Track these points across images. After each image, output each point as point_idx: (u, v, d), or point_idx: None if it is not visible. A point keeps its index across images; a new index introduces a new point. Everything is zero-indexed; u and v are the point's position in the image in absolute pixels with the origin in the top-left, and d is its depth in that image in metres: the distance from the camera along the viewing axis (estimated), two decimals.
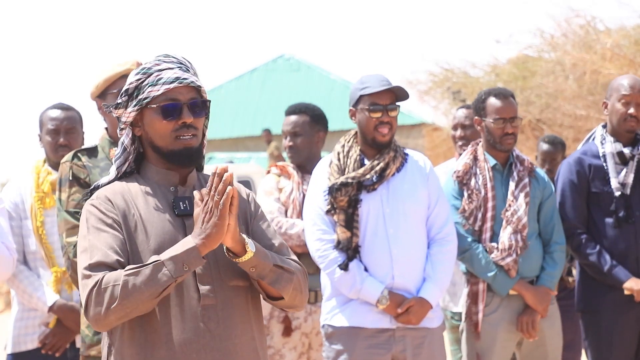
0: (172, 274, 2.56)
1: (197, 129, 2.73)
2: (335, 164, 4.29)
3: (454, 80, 15.08)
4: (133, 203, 2.72)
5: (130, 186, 2.76)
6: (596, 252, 4.62)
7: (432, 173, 4.37)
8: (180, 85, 2.70)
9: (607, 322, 4.63)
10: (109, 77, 3.77)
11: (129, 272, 2.57)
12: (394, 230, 4.19)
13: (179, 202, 2.74)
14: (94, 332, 3.69)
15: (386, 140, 4.26)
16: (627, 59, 11.39)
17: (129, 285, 2.56)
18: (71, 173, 3.71)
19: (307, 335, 4.78)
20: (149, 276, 2.56)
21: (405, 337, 4.20)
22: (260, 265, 2.67)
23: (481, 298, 4.52)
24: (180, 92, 2.71)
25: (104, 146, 3.80)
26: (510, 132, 4.56)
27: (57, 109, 4.60)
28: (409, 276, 4.21)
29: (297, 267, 2.77)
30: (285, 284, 2.71)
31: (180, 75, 2.71)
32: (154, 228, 2.70)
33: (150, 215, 2.71)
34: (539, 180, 4.66)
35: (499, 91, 4.66)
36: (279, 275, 2.70)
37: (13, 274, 4.40)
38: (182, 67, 2.74)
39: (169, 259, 2.57)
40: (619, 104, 4.66)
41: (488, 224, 4.52)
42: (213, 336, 2.68)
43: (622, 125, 4.67)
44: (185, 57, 2.78)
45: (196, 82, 2.73)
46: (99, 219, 2.68)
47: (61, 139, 4.53)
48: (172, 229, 2.71)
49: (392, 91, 4.24)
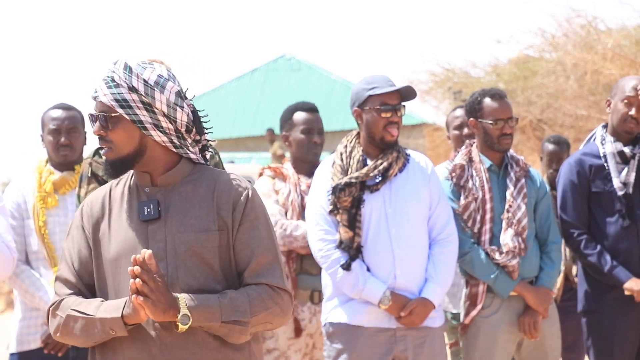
0: (99, 334, 2.65)
1: (110, 142, 2.72)
2: (339, 164, 4.30)
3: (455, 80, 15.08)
4: (108, 208, 2.78)
5: (117, 188, 2.82)
6: (597, 253, 4.62)
7: (434, 173, 4.38)
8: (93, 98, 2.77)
9: (608, 322, 4.63)
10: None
11: (72, 312, 2.69)
12: (396, 231, 4.20)
13: (143, 207, 2.73)
14: None
15: (394, 140, 4.28)
16: (628, 59, 11.39)
17: (69, 325, 2.70)
18: (90, 170, 3.77)
19: (311, 336, 4.79)
20: (83, 327, 2.67)
21: (407, 337, 4.21)
22: (206, 326, 2.64)
23: (480, 300, 4.52)
24: (95, 105, 2.75)
25: None
26: (508, 132, 4.57)
27: (59, 109, 4.61)
28: (411, 276, 4.21)
29: (266, 297, 2.70)
30: (239, 335, 2.67)
31: (96, 87, 2.75)
32: (117, 235, 2.73)
33: (118, 222, 2.75)
34: (533, 180, 4.67)
35: (495, 92, 4.66)
36: (230, 329, 2.65)
37: (15, 274, 4.41)
38: (107, 79, 2.74)
39: (99, 319, 2.63)
40: (622, 104, 4.67)
41: (487, 225, 4.52)
42: (166, 346, 2.66)
43: (621, 126, 4.68)
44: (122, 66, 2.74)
45: (99, 97, 2.73)
46: (75, 225, 2.83)
47: (63, 139, 4.54)
48: (133, 237, 2.72)
49: (398, 91, 4.26)
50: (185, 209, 2.72)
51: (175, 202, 2.73)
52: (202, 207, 2.72)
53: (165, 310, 2.56)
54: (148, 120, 2.71)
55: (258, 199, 2.79)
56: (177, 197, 2.74)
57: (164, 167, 2.77)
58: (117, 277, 2.70)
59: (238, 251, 2.73)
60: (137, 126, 2.71)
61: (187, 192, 2.74)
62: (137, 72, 2.71)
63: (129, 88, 2.70)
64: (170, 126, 2.73)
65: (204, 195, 2.74)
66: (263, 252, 2.74)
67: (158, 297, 2.54)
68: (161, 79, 2.72)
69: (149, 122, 2.71)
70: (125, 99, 2.69)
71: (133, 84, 2.70)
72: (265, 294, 2.71)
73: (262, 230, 2.76)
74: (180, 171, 2.77)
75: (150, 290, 2.54)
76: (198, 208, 2.72)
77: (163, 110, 2.71)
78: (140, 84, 2.70)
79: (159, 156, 2.76)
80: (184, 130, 2.76)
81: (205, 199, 2.73)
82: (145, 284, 2.53)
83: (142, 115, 2.70)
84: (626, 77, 4.80)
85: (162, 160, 2.76)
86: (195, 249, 2.69)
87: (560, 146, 5.93)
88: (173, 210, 2.72)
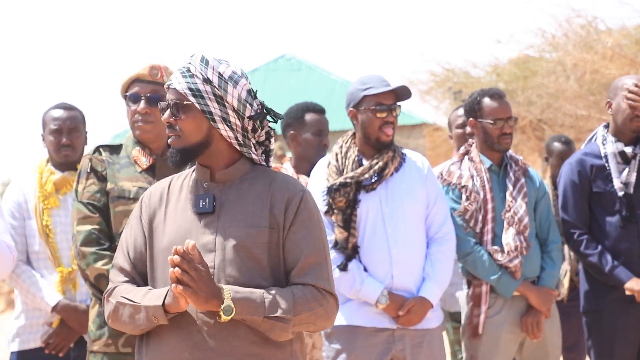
0: (144, 321, 2.70)
1: (178, 130, 2.77)
2: (334, 164, 4.30)
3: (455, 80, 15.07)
4: (165, 200, 2.85)
5: (177, 181, 2.89)
6: (597, 253, 4.62)
7: (430, 173, 4.39)
8: (167, 87, 2.83)
9: (609, 322, 4.63)
10: (124, 82, 3.86)
11: (121, 299, 2.75)
12: (393, 230, 4.20)
13: (198, 200, 2.79)
14: (97, 326, 3.74)
15: (390, 140, 4.27)
16: (628, 58, 11.39)
17: (118, 312, 2.77)
18: (90, 165, 3.80)
19: (311, 336, 4.79)
20: (130, 314, 2.73)
21: (405, 337, 4.21)
22: (248, 320, 2.67)
23: (484, 300, 4.52)
24: (169, 93, 2.81)
25: (128, 145, 3.87)
26: (508, 132, 4.58)
27: (60, 108, 4.61)
28: (409, 276, 4.21)
29: (311, 298, 2.72)
30: (280, 332, 2.69)
31: (171, 76, 2.82)
32: (171, 226, 2.79)
33: (174, 213, 2.81)
34: (533, 179, 4.67)
35: (494, 92, 4.66)
36: (272, 325, 2.67)
37: (16, 274, 4.41)
38: (183, 70, 2.80)
39: (144, 307, 2.69)
40: (625, 103, 4.65)
41: (489, 225, 4.53)
42: (207, 336, 2.69)
43: (627, 125, 4.66)
44: (199, 58, 2.81)
45: (173, 85, 2.79)
46: (134, 215, 2.90)
47: (64, 139, 4.54)
48: (184, 228, 2.77)
49: (394, 91, 4.26)
50: (240, 205, 2.77)
51: (231, 199, 2.78)
52: (256, 204, 2.77)
53: (208, 299, 2.61)
54: (217, 113, 2.76)
55: (312, 201, 2.83)
56: (233, 193, 2.79)
57: (225, 163, 2.81)
58: (168, 267, 2.72)
59: (288, 250, 2.76)
60: (207, 117, 2.76)
61: (243, 190, 2.79)
62: (212, 65, 2.78)
63: (204, 79, 2.76)
64: (237, 122, 2.78)
65: (259, 192, 2.78)
66: (312, 253, 2.76)
67: (200, 286, 2.59)
68: (235, 74, 2.79)
69: (218, 114, 2.76)
70: (199, 89, 2.76)
71: (208, 75, 2.76)
72: (310, 295, 2.73)
73: (313, 231, 2.79)
74: (239, 169, 2.82)
75: (191, 279, 2.58)
76: (252, 204, 2.77)
77: (233, 104, 2.77)
78: (214, 76, 2.76)
79: (222, 151, 2.80)
80: (250, 129, 2.81)
81: (260, 196, 2.78)
82: (186, 272, 2.57)
83: (213, 107, 2.76)
84: (623, 77, 4.79)
85: (224, 155, 2.81)
86: (245, 244, 2.72)
87: (569, 145, 5.95)
88: (227, 206, 2.77)
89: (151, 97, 3.78)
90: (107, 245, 3.71)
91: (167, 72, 3.85)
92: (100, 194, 3.76)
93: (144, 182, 3.77)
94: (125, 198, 3.74)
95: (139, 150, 3.82)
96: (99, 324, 3.74)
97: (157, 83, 3.81)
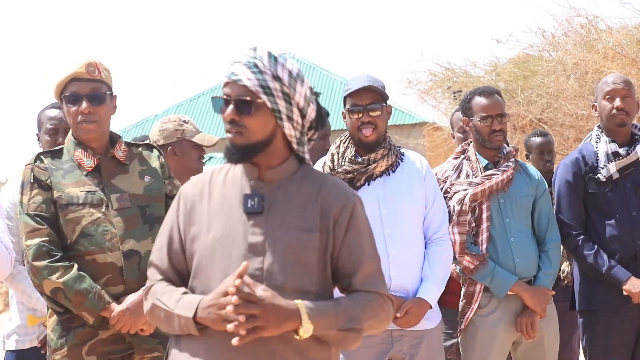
0: (177, 328, 2.66)
1: (242, 127, 2.69)
2: (329, 165, 4.28)
3: (454, 80, 15.04)
4: (207, 194, 2.76)
5: (219, 175, 2.79)
6: (593, 253, 4.62)
7: (429, 172, 4.36)
8: (228, 80, 2.72)
9: (604, 321, 4.64)
10: (59, 82, 3.76)
11: (157, 302, 2.70)
12: (390, 231, 4.17)
13: (247, 199, 2.71)
14: (58, 335, 3.68)
15: (370, 141, 4.21)
16: (629, 58, 11.37)
17: (155, 313, 2.73)
18: (32, 175, 3.71)
19: None
20: (165, 318, 2.69)
21: (403, 337, 4.19)
22: (323, 335, 2.64)
23: (475, 299, 4.52)
24: (230, 88, 2.71)
25: (69, 148, 3.79)
26: (498, 128, 4.56)
27: (56, 108, 4.60)
28: (407, 276, 4.19)
29: (375, 304, 2.71)
30: (352, 342, 2.68)
31: (235, 70, 2.71)
32: (216, 223, 2.71)
33: (219, 209, 2.72)
34: (531, 178, 4.65)
35: (484, 89, 4.66)
36: (344, 336, 2.65)
37: (12, 274, 4.40)
38: (249, 64, 2.71)
39: (177, 315, 2.65)
40: (605, 100, 4.68)
41: (484, 224, 4.52)
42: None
43: (611, 121, 4.68)
44: (266, 54, 2.73)
45: (242, 81, 2.68)
46: (172, 209, 2.81)
47: (60, 139, 4.53)
48: (231, 227, 2.70)
49: (376, 90, 4.20)
50: (289, 207, 2.71)
51: (280, 199, 2.72)
52: (306, 207, 2.71)
53: (281, 325, 2.56)
54: (284, 112, 2.70)
55: (363, 207, 2.79)
56: (282, 194, 2.72)
57: (277, 161, 2.75)
58: (211, 265, 2.69)
59: (344, 257, 2.72)
60: (274, 115, 2.70)
61: (291, 191, 2.73)
62: (281, 62, 2.71)
63: (273, 76, 2.69)
64: (300, 120, 2.74)
65: (308, 195, 2.73)
66: (369, 261, 2.74)
67: (268, 318, 2.53)
68: (301, 72, 2.75)
69: (284, 113, 2.71)
70: (270, 87, 2.68)
71: (278, 72, 2.70)
72: (374, 301, 2.72)
73: (368, 238, 2.76)
74: (287, 169, 2.76)
75: (256, 319, 2.52)
76: (302, 208, 2.71)
77: (299, 102, 2.73)
78: (285, 74, 2.70)
79: (278, 149, 2.74)
80: (307, 127, 2.78)
81: (310, 200, 2.72)
82: (251, 316, 2.52)
83: (281, 106, 2.69)
84: (604, 78, 4.82)
85: (279, 154, 2.75)
86: (294, 248, 2.67)
87: (547, 137, 5.96)
88: (276, 207, 2.71)
89: (93, 95, 3.72)
90: (59, 256, 3.63)
91: (102, 68, 3.77)
92: (46, 205, 3.67)
93: (91, 184, 3.70)
94: (75, 204, 3.66)
95: (82, 152, 3.74)
96: (60, 332, 3.67)
97: (96, 80, 3.74)
